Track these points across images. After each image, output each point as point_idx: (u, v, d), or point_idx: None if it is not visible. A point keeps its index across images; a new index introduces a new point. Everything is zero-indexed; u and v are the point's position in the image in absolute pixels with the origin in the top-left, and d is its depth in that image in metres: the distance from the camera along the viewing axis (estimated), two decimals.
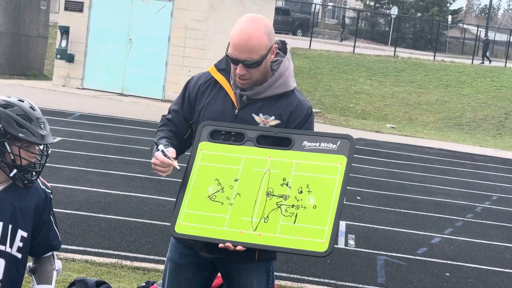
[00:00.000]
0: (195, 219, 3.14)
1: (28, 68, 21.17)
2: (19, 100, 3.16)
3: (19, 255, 3.18)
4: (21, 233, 3.17)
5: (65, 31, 19.50)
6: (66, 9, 19.66)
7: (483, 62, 37.73)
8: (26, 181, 3.13)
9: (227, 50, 3.24)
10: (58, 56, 19.63)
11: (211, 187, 3.18)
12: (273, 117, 3.28)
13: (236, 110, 3.30)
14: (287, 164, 3.17)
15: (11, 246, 3.15)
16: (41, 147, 3.18)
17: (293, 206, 3.09)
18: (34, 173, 3.16)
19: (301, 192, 3.11)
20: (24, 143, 3.09)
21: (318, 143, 3.20)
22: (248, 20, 3.22)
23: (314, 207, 3.08)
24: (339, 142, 3.19)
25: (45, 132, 3.13)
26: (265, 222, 3.08)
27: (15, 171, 3.10)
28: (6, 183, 3.16)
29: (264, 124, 3.27)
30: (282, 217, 3.08)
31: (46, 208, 3.26)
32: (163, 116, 3.49)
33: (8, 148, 3.08)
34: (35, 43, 21.30)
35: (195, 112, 3.38)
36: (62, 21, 19.77)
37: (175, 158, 3.21)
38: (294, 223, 3.06)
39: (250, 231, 3.07)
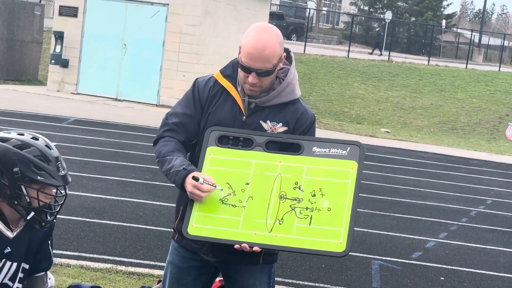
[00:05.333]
0: (208, 221, 3.15)
1: (22, 73, 21.14)
2: (33, 138, 3.02)
3: (20, 286, 3.13)
4: (23, 265, 3.11)
5: (59, 36, 19.49)
6: (60, 14, 19.66)
7: (381, 54, 38.69)
8: (43, 223, 3.01)
9: (239, 59, 3.24)
10: (53, 61, 19.62)
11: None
12: (280, 124, 3.31)
13: (244, 117, 3.31)
14: (298, 169, 3.21)
15: (14, 281, 3.09)
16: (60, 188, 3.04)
17: (307, 208, 3.12)
18: (50, 214, 3.03)
19: (314, 195, 3.15)
20: (42, 186, 2.96)
21: (328, 149, 3.25)
22: (261, 29, 3.22)
23: (329, 209, 3.11)
24: (348, 148, 3.26)
25: (63, 172, 3.01)
26: (280, 224, 3.11)
27: (32, 213, 2.97)
28: (23, 225, 3.04)
29: (272, 131, 3.31)
30: (297, 219, 3.11)
31: (49, 236, 3.20)
32: (167, 120, 3.36)
33: (24, 191, 2.94)
34: (29, 48, 21.28)
35: (204, 116, 3.34)
36: (56, 26, 19.77)
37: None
38: (309, 225, 3.09)
39: (266, 233, 3.09)
